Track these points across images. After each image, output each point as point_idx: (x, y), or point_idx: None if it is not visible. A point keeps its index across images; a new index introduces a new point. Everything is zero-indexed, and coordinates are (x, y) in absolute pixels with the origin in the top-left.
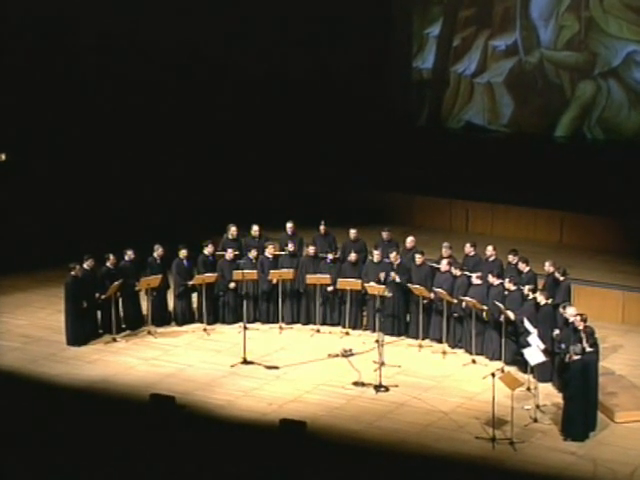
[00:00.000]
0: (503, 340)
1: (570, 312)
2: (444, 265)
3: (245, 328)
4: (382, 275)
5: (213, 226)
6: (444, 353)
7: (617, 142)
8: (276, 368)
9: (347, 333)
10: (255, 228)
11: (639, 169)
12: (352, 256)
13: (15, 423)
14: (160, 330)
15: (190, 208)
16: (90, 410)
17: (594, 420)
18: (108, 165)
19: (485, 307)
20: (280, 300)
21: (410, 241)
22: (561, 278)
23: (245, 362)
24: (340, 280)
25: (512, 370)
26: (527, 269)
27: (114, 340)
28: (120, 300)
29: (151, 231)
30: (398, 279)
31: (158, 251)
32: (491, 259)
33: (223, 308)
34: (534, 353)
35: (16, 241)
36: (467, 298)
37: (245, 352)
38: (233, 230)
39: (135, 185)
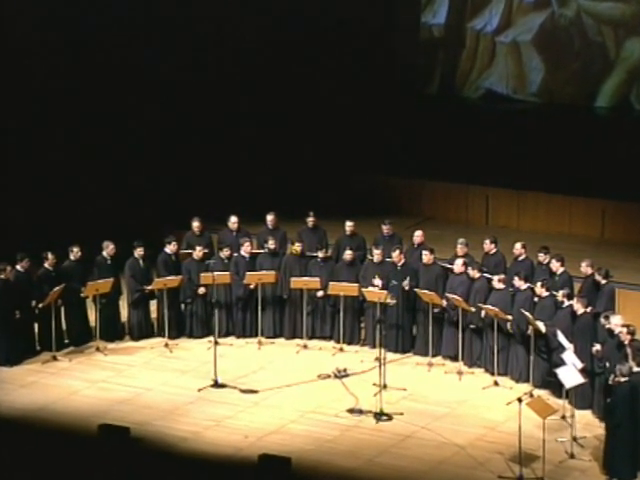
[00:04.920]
0: (532, 357)
1: (614, 323)
2: (459, 265)
3: (216, 343)
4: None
5: (177, 219)
6: (459, 373)
7: None
8: (254, 392)
9: (341, 349)
10: (233, 220)
11: None
12: (347, 254)
13: None
14: (111, 346)
15: (148, 197)
16: (25, 445)
17: None
18: (48, 151)
19: (510, 317)
20: (259, 309)
21: (418, 236)
22: (603, 281)
23: (216, 385)
24: (332, 284)
25: (543, 394)
26: (561, 270)
27: (54, 359)
28: (62, 309)
29: (100, 225)
30: (406, 286)
31: (108, 249)
32: (520, 259)
33: (189, 319)
34: (570, 373)
35: None
36: (487, 306)
37: (216, 373)
38: (196, 225)
39: (82, 172)
